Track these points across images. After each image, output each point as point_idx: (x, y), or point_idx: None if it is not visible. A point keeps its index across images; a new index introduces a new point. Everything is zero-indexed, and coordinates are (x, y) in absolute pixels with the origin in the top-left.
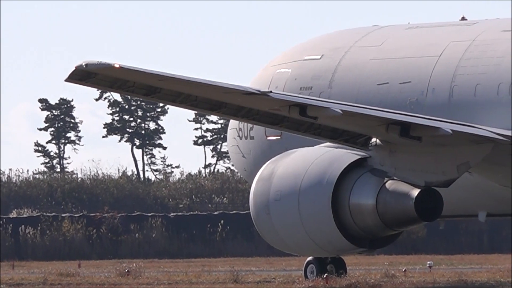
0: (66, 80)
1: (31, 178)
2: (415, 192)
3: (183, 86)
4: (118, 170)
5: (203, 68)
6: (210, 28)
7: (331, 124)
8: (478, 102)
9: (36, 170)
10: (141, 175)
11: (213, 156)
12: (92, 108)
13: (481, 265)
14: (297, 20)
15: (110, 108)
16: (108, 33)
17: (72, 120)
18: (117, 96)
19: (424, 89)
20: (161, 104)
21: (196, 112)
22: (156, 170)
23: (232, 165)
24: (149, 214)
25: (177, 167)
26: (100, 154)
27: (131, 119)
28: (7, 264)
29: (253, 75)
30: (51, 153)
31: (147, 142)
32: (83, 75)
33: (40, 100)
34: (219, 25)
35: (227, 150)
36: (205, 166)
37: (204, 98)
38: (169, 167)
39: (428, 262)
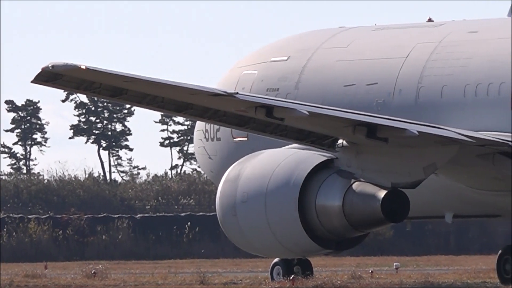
0: (32, 82)
1: None
2: (382, 193)
3: (149, 88)
4: (85, 171)
5: (170, 70)
6: (177, 29)
7: (298, 125)
8: (445, 103)
9: (2, 172)
10: (108, 177)
11: (179, 158)
12: (58, 110)
13: (448, 266)
14: (264, 22)
15: (76, 109)
16: (76, 35)
17: (39, 122)
18: (83, 98)
19: (391, 91)
20: (127, 106)
21: (162, 113)
22: (122, 172)
23: (199, 167)
24: (116, 216)
25: (144, 168)
26: (66, 155)
27: (98, 120)
28: None
29: (220, 77)
30: (18, 155)
31: (114, 143)
32: (50, 76)
33: (7, 102)
34: (187, 26)
35: (194, 152)
36: (172, 168)
37: (170, 100)
38: (136, 169)
39: (394, 264)
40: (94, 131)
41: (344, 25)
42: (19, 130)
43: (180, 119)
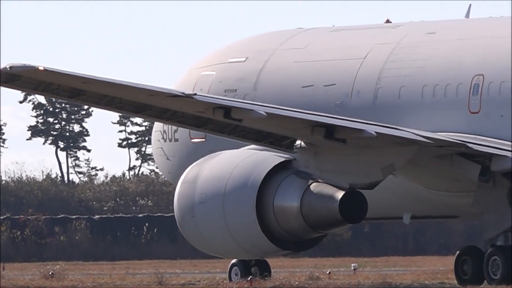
0: None
1: None
2: (340, 194)
3: (107, 89)
4: (43, 172)
5: (128, 71)
6: (136, 30)
7: (256, 126)
8: (403, 104)
9: None
10: (66, 178)
11: (137, 159)
12: (16, 111)
13: (405, 267)
14: (222, 22)
15: (34, 110)
16: (37, 35)
17: None
18: (41, 99)
19: (349, 92)
20: (85, 107)
21: (120, 114)
22: (80, 173)
23: (157, 168)
24: (74, 217)
25: (102, 169)
26: (24, 156)
27: (55, 121)
28: None
29: (178, 78)
30: None
31: (72, 144)
32: (8, 77)
33: None
34: (144, 27)
35: (152, 153)
36: (130, 169)
37: (128, 101)
38: (94, 170)
39: (352, 265)
40: (52, 132)
41: (302, 26)
42: None
43: (138, 120)
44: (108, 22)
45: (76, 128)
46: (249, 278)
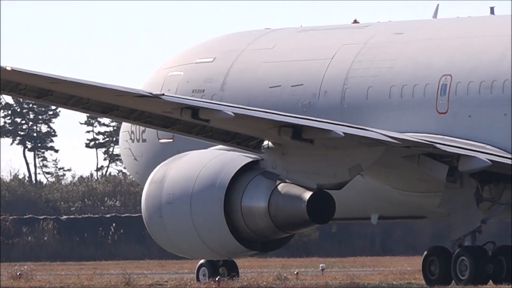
0: None
1: None
2: (307, 194)
3: (75, 89)
4: (10, 173)
5: (95, 71)
6: (103, 30)
7: (223, 126)
8: (370, 104)
9: None
10: (33, 178)
11: (105, 159)
12: None
13: (373, 267)
14: (190, 22)
15: (1, 110)
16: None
17: None
18: (9, 99)
19: (316, 92)
20: (53, 107)
21: (88, 114)
22: (48, 173)
23: (124, 168)
24: (41, 217)
25: (69, 170)
26: None
27: (23, 121)
28: None
29: (146, 78)
30: None
31: (39, 145)
32: None
33: None
34: (112, 27)
35: (119, 153)
36: (97, 169)
37: (96, 101)
38: (61, 170)
39: (320, 265)
40: (19, 132)
41: (270, 27)
42: None
43: (105, 120)
44: (77, 22)
45: (44, 128)
46: (216, 279)
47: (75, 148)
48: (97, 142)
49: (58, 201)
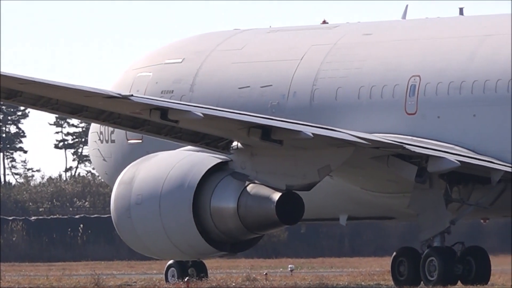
0: None
1: None
2: (276, 195)
3: (43, 90)
4: None
5: (64, 72)
6: (71, 30)
7: (193, 127)
8: (339, 105)
9: None
10: (2, 179)
11: (74, 160)
12: None
13: (342, 268)
14: (159, 23)
15: None
16: None
17: None
18: None
19: (285, 93)
20: (22, 108)
21: (57, 115)
22: (17, 174)
23: (93, 169)
24: (10, 218)
25: (38, 170)
26: None
27: None
28: None
29: (115, 79)
30: None
31: (8, 145)
32: None
33: None
34: (80, 27)
35: (88, 154)
36: (66, 170)
37: (65, 102)
38: (30, 171)
39: (289, 266)
40: None
41: (239, 27)
42: None
43: (74, 121)
44: (46, 22)
45: (13, 129)
46: (185, 279)
47: (44, 149)
48: (66, 143)
49: (27, 202)
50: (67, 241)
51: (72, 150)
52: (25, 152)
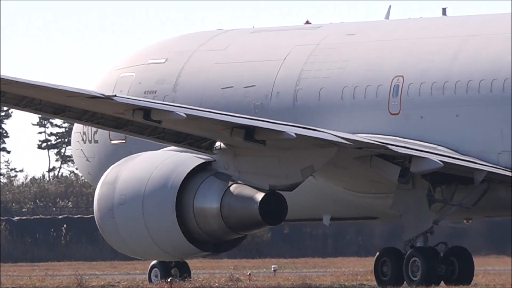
0: None
1: None
2: (260, 196)
3: (27, 90)
4: None
5: (47, 72)
6: (54, 30)
7: (176, 128)
8: (323, 106)
9: None
10: None
11: (57, 160)
12: None
13: (325, 268)
14: (142, 23)
15: None
16: None
17: None
18: None
19: (269, 93)
20: (5, 108)
21: (40, 115)
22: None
23: (77, 169)
24: None
25: (21, 171)
26: None
27: None
28: None
29: (98, 79)
30: None
31: None
32: None
33: None
34: (63, 26)
35: (72, 154)
36: (49, 170)
37: (48, 102)
38: (13, 171)
39: (272, 266)
40: None
41: (222, 28)
42: None
43: (58, 121)
44: (29, 22)
45: None
46: (168, 280)
47: (27, 149)
48: (49, 143)
49: (10, 202)
50: (50, 241)
51: (55, 150)
52: (8, 152)
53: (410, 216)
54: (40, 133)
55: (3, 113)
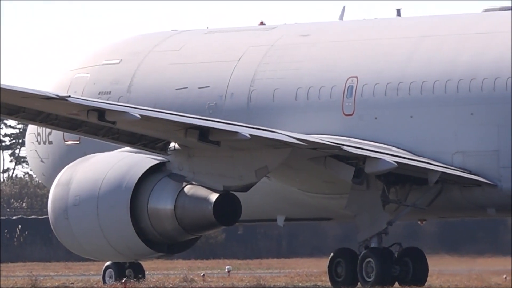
0: None
1: None
2: (214, 196)
3: None
4: None
5: (1, 73)
6: (10, 30)
7: (130, 128)
8: (277, 106)
9: None
10: None
11: (11, 161)
12: None
13: (279, 269)
14: (95, 23)
15: None
16: None
17: None
18: None
19: (223, 94)
20: None
21: None
22: None
23: (31, 170)
24: None
25: None
26: None
27: None
28: None
29: (52, 79)
30: None
31: None
32: None
33: None
34: (19, 26)
35: (26, 155)
36: (3, 171)
37: (2, 103)
38: None
39: (226, 267)
40: None
41: (176, 28)
42: None
43: (12, 122)
44: None
45: None
46: (123, 280)
47: None
48: (3, 144)
49: None
50: (4, 242)
51: (9, 151)
52: None
53: (365, 217)
54: None
55: None
